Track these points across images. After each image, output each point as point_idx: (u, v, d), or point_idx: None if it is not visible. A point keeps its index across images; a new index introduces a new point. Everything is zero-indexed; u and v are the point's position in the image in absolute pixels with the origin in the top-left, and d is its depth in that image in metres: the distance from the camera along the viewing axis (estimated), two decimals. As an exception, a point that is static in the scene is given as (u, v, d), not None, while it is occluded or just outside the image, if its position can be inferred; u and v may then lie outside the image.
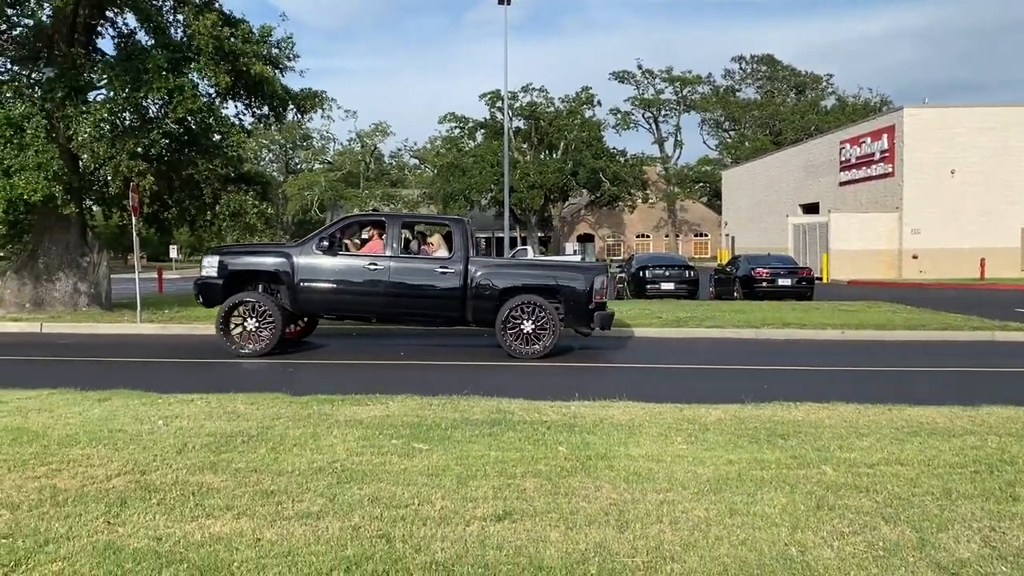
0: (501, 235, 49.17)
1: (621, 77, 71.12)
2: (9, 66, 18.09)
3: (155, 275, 28.02)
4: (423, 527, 3.91)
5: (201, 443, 5.44)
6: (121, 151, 16.23)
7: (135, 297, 16.04)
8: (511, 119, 54.45)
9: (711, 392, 7.89)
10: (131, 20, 18.46)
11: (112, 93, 16.31)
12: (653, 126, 73.34)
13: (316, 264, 11.96)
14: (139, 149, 16.67)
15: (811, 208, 42.96)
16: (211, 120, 17.76)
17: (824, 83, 78.64)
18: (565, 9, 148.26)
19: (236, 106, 19.20)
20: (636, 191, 61.63)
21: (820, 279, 31.57)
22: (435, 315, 12.14)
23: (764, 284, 21.39)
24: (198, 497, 4.29)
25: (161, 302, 19.99)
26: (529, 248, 45.03)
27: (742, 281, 21.80)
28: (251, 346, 11.66)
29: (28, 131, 15.40)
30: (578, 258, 43.07)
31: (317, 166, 72.69)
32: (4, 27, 17.36)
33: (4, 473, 4.68)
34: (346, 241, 12.47)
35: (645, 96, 70.97)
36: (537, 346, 11.48)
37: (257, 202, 18.69)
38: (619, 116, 68.44)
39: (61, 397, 7.14)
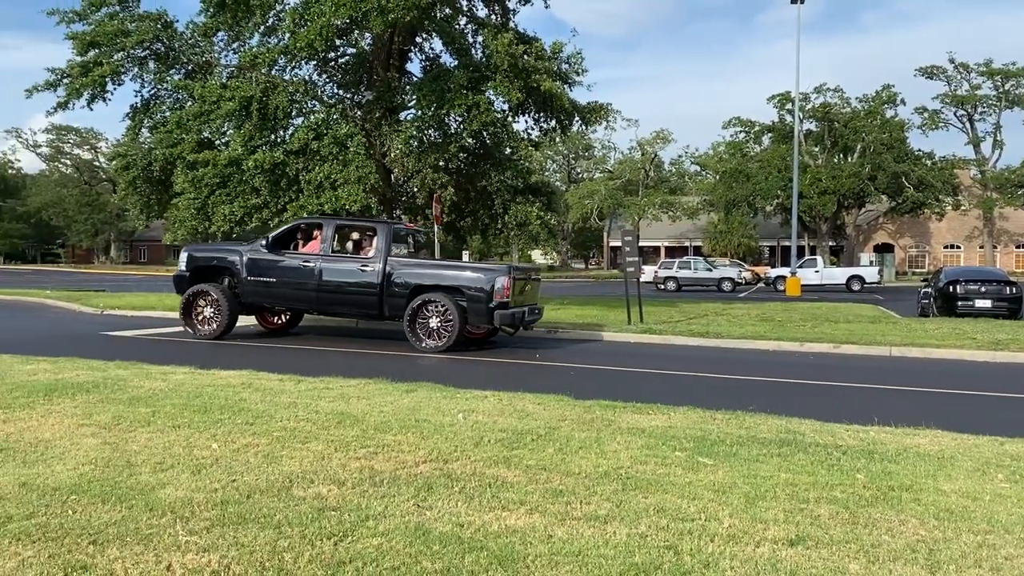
0: (787, 244, 46.90)
1: (929, 73, 64.69)
2: (336, 91, 20.51)
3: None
4: (711, 543, 3.85)
5: (495, 438, 5.78)
6: (425, 165, 17.76)
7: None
8: (801, 121, 51.74)
9: (1040, 426, 6.93)
10: (437, 44, 20.16)
11: (420, 112, 17.89)
12: (967, 125, 65.84)
13: (259, 261, 13.68)
14: (441, 163, 18.15)
15: None
16: (503, 134, 18.87)
17: None
18: (865, 3, 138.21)
19: (526, 120, 20.22)
20: (945, 197, 55.66)
21: None
22: (357, 309, 13.69)
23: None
24: (494, 489, 4.56)
25: (455, 304, 21.50)
26: (819, 258, 42.49)
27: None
28: (206, 329, 13.66)
29: (351, 148, 17.34)
30: (875, 269, 39.90)
31: (598, 175, 74.23)
32: (332, 56, 19.70)
33: (332, 452, 5.31)
34: (296, 241, 14.03)
35: (958, 92, 63.95)
36: (440, 342, 12.42)
37: (542, 213, 19.47)
38: (926, 115, 62.27)
39: (375, 387, 7.94)
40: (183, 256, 14.51)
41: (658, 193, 67.42)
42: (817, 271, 39.10)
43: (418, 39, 20.23)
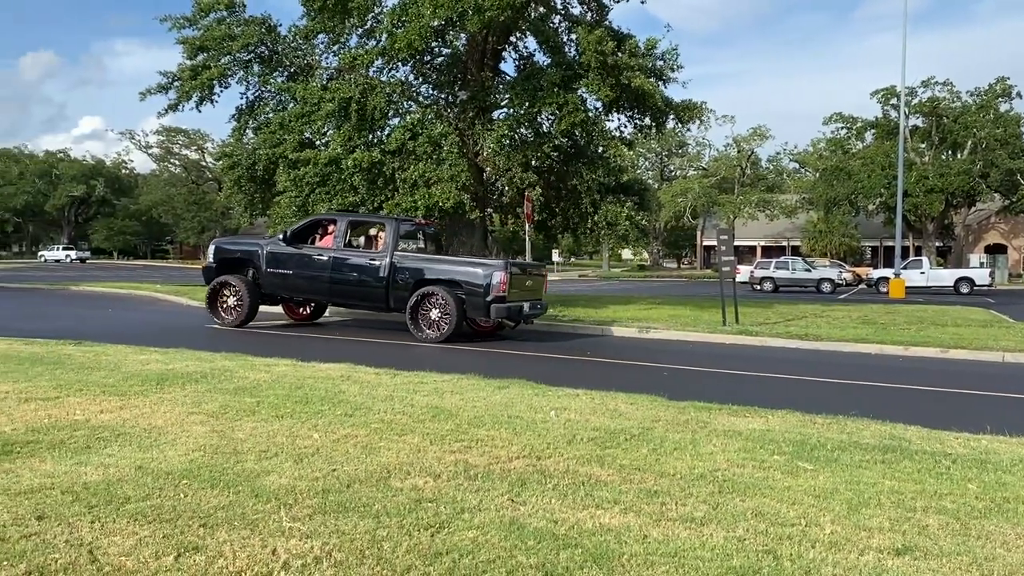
0: (891, 244, 45.12)
1: (1048, 63, 60.98)
2: (431, 91, 20.82)
3: (540, 277, 30.29)
4: (812, 549, 3.74)
5: (588, 436, 5.77)
6: (516, 164, 17.84)
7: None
8: (907, 117, 49.60)
9: None
10: (531, 43, 20.23)
11: (512, 110, 17.99)
12: (1090, 119, 61.86)
13: (278, 254, 14.53)
14: (532, 161, 18.20)
15: None
16: (595, 132, 18.78)
17: None
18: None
19: (618, 118, 20.06)
20: (1066, 195, 52.37)
21: None
22: (365, 300, 14.35)
23: None
24: (588, 488, 4.55)
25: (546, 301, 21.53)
26: (924, 259, 40.70)
27: None
28: (229, 318, 14.44)
29: (444, 148, 17.58)
30: (986, 271, 38.00)
31: (691, 172, 73.01)
32: (428, 58, 20.00)
33: (427, 445, 5.40)
34: (313, 235, 14.79)
35: (1080, 83, 60.08)
36: (439, 332, 13.06)
37: (633, 213, 19.27)
38: (1044, 109, 58.78)
39: (468, 382, 8.04)
40: (211, 249, 15.63)
41: (754, 191, 65.86)
42: (923, 272, 37.44)
43: (512, 38, 20.34)
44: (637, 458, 5.25)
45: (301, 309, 16.15)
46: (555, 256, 54.88)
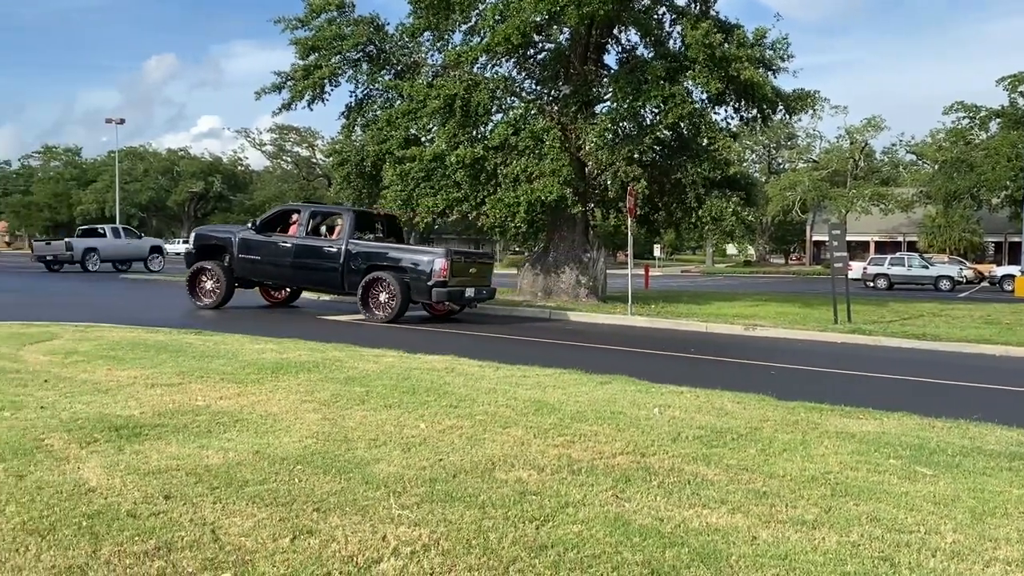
0: (1017, 239, 42.57)
1: None
2: (533, 86, 20.88)
3: (642, 272, 29.98)
4: (932, 558, 3.57)
5: (693, 435, 5.68)
6: (619, 158, 17.69)
7: (626, 291, 17.33)
8: (1037, 105, 46.57)
9: None
10: (634, 36, 20.00)
11: (615, 104, 17.85)
12: None
13: (248, 241, 15.66)
14: (635, 155, 18.01)
15: None
16: (701, 125, 18.42)
17: None
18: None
19: (725, 110, 19.62)
20: None
21: None
22: (324, 284, 15.74)
23: None
24: (693, 486, 4.48)
25: (648, 297, 21.34)
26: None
27: None
28: (207, 300, 15.64)
29: (546, 143, 17.60)
30: None
31: (801, 165, 70.65)
32: (531, 52, 20.05)
33: (531, 439, 5.43)
34: (281, 225, 16.04)
35: None
36: (386, 313, 14.28)
37: (739, 208, 18.82)
38: None
39: (570, 377, 8.04)
40: (192, 236, 17.18)
41: (868, 184, 63.13)
42: (1053, 269, 35.15)
43: (615, 31, 20.17)
44: (745, 458, 5.13)
45: (276, 293, 17.43)
46: (656, 251, 54.07)
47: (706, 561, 3.44)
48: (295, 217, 16.17)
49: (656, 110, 17.55)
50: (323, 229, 16.51)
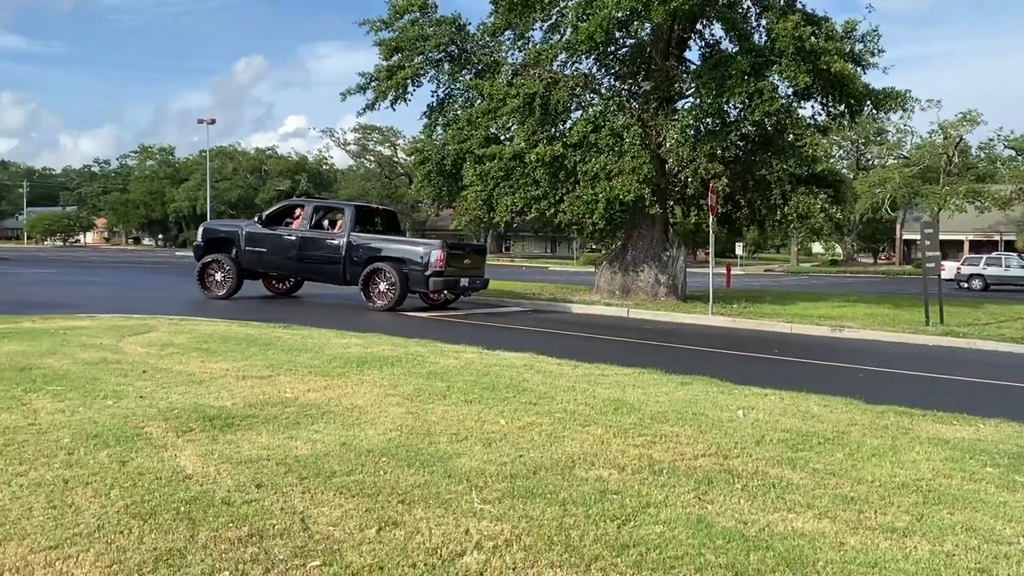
0: None
1: None
2: (613, 83, 20.75)
3: (723, 270, 29.49)
4: (1033, 572, 3.43)
5: (778, 438, 5.57)
6: (700, 154, 17.42)
7: (706, 290, 17.07)
8: None
9: None
10: (717, 30, 19.66)
11: (698, 100, 17.58)
12: None
13: (255, 234, 16.47)
14: (717, 152, 17.70)
15: None
16: (787, 121, 17.99)
17: None
18: None
19: (812, 106, 19.11)
20: None
21: None
22: (326, 275, 16.37)
23: None
24: (778, 490, 4.40)
25: (729, 296, 20.96)
26: None
27: None
28: (217, 291, 16.36)
29: (626, 140, 17.47)
30: None
31: (891, 161, 68.18)
32: (611, 49, 19.92)
33: (611, 438, 5.42)
34: (286, 219, 16.77)
35: None
36: (386, 302, 15.25)
37: (827, 205, 18.32)
38: None
39: (650, 377, 7.97)
40: (200, 230, 17.75)
41: (963, 181, 60.46)
42: None
43: (698, 26, 19.87)
44: (831, 462, 5.01)
45: (278, 284, 18.12)
46: (738, 249, 52.90)
47: (792, 566, 3.38)
48: (299, 212, 16.94)
49: (741, 106, 17.21)
50: (325, 223, 17.25)
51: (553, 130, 18.55)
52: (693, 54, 21.74)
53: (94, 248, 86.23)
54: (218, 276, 16.61)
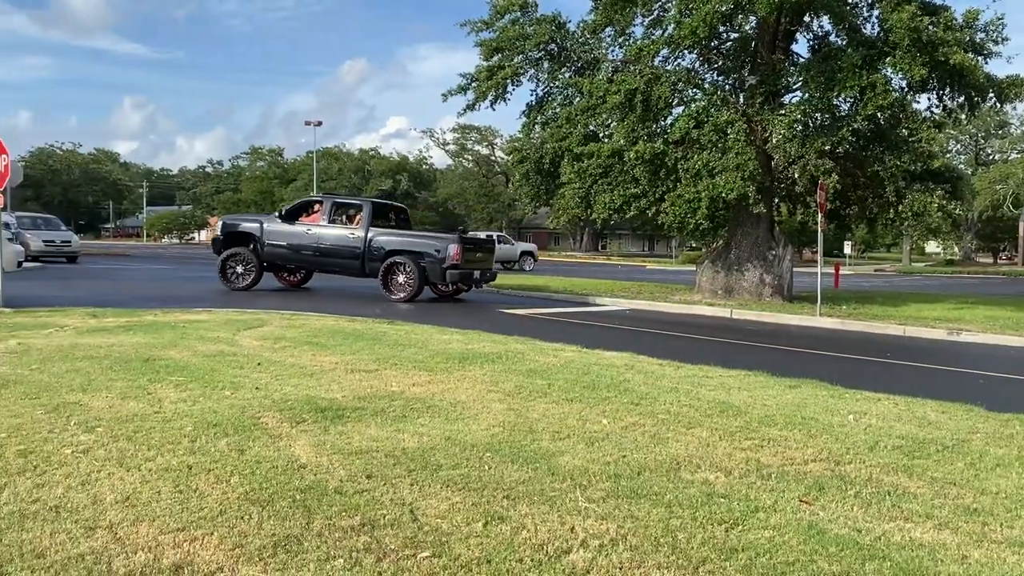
0: None
1: None
2: (716, 78, 20.33)
3: (831, 270, 28.49)
4: None
5: (892, 444, 5.36)
6: (809, 150, 16.88)
7: (813, 290, 16.55)
8: None
9: None
10: (825, 23, 19.00)
11: (806, 95, 17.05)
12: None
13: (274, 229, 17.36)
14: (826, 147, 17.12)
15: None
16: (900, 115, 17.26)
17: None
18: None
19: (928, 98, 18.26)
20: None
21: None
22: (346, 268, 17.13)
23: None
24: (894, 498, 4.23)
25: (838, 297, 20.26)
26: None
27: None
28: (239, 283, 17.29)
29: (730, 136, 17.10)
30: None
31: (1014, 156, 64.44)
32: (715, 43, 19.54)
33: (716, 440, 5.33)
34: (303, 214, 17.64)
35: None
36: (405, 294, 16.18)
37: (944, 202, 17.48)
38: None
39: (756, 379, 7.79)
40: (219, 224, 18.67)
41: (1093, 175, 56.58)
42: None
43: (805, 18, 19.26)
44: (951, 472, 4.79)
45: (292, 277, 19.05)
46: (847, 248, 50.97)
47: (911, 578, 3.25)
48: (317, 207, 17.81)
49: (852, 100, 16.59)
50: (343, 219, 17.76)
51: (654, 127, 18.33)
52: (801, 46, 21.11)
53: (207, 245, 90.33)
54: (239, 268, 17.52)
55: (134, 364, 7.35)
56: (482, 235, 39.80)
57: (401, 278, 16.40)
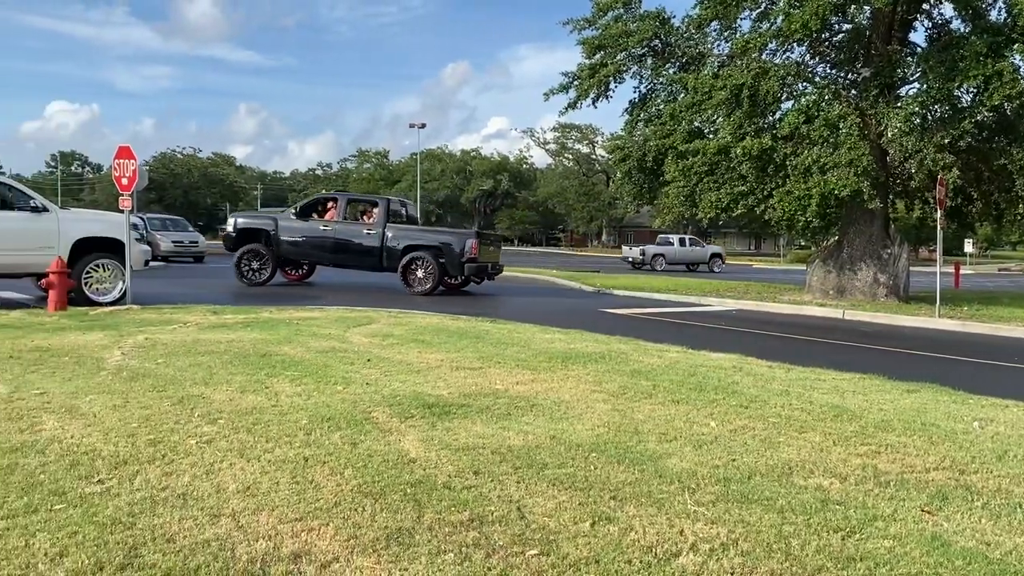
0: None
1: None
2: (827, 71, 19.65)
3: (951, 269, 27.09)
4: None
5: (1023, 454, 5.06)
6: (928, 144, 16.11)
7: (932, 290, 15.79)
8: None
9: None
10: (946, 9, 18.10)
11: (924, 86, 16.27)
12: None
13: (290, 226, 17.83)
14: (946, 141, 16.30)
15: None
16: (1030, 105, 16.26)
17: None
18: None
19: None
20: None
21: None
22: (363, 263, 17.71)
23: None
24: (1026, 511, 4.00)
25: (958, 297, 19.28)
26: None
27: None
28: (256, 278, 17.68)
29: (842, 130, 16.51)
30: None
31: None
32: (826, 35, 18.87)
33: (830, 446, 5.16)
34: (318, 211, 18.28)
35: None
36: (424, 287, 16.76)
37: None
38: None
39: (871, 383, 7.49)
40: (231, 221, 18.84)
41: None
42: None
43: (924, 6, 18.39)
44: (1090, 485, 4.48)
45: (296, 272, 19.41)
46: (967, 246, 48.31)
47: (1046, 597, 3.07)
48: (332, 204, 18.30)
49: (975, 90, 15.73)
50: (357, 216, 18.21)
51: (761, 122, 17.86)
52: (918, 36, 20.17)
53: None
54: (255, 264, 17.98)
55: (252, 359, 7.68)
56: (673, 238, 42.31)
57: (421, 272, 17.01)
